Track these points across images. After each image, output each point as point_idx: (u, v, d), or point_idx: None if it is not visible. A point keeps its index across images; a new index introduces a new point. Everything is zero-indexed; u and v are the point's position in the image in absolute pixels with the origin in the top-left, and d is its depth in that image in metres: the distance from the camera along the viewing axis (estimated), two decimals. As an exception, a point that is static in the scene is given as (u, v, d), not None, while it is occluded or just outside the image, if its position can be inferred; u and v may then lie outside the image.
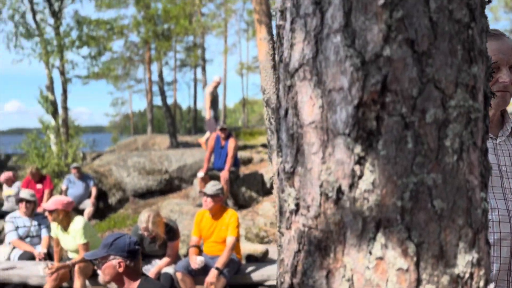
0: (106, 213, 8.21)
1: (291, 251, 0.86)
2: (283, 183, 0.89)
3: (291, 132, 0.85)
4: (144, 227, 3.84)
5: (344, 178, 0.76)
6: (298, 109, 0.83)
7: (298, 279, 0.84)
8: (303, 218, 0.83)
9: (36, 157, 9.46)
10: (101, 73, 12.97)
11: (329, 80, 0.77)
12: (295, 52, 0.83)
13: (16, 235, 5.08)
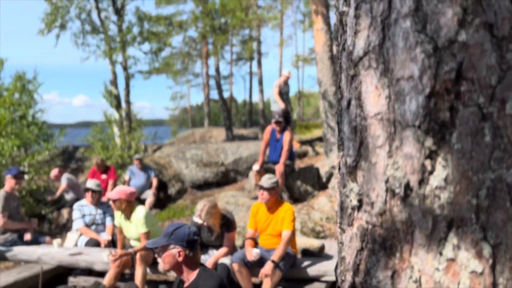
0: (166, 203, 8.52)
1: (353, 249, 0.83)
2: (345, 178, 0.85)
3: (354, 124, 0.81)
4: (198, 215, 3.93)
5: (413, 174, 0.72)
6: (362, 99, 0.79)
7: (361, 278, 0.81)
8: (367, 215, 0.79)
9: (101, 149, 10.00)
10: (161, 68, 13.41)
11: (397, 68, 0.72)
12: (359, 40, 0.79)
13: (82, 223, 5.41)
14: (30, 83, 10.86)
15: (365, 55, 0.80)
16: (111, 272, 4.05)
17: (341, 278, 0.93)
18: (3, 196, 5.29)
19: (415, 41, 0.71)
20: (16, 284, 4.57)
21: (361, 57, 0.80)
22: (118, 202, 4.23)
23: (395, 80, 0.74)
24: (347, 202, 0.86)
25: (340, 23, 0.88)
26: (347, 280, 0.89)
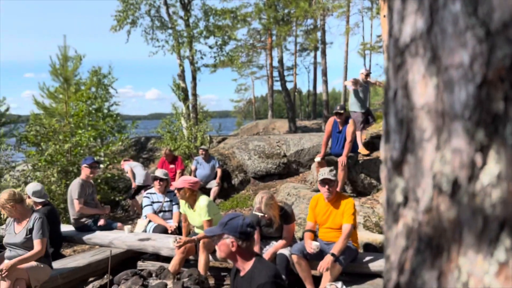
0: (230, 193, 8.73)
1: (398, 247, 0.79)
2: (391, 172, 0.81)
3: (400, 116, 0.77)
4: (257, 208, 3.97)
5: (462, 169, 0.66)
6: (409, 89, 0.74)
7: (406, 278, 0.77)
8: (412, 212, 0.75)
9: (170, 140, 10.45)
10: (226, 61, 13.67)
11: (446, 56, 0.67)
12: (406, 26, 0.74)
13: (151, 210, 5.71)
14: (106, 77, 11.60)
15: (412, 42, 0.75)
16: (176, 258, 4.24)
17: (386, 277, 0.89)
18: (79, 184, 5.73)
19: (465, 25, 0.66)
20: (90, 266, 4.95)
21: (407, 44, 0.76)
22: (182, 190, 4.40)
23: (444, 68, 0.69)
24: (393, 197, 0.82)
25: (388, 8, 0.83)
26: (392, 279, 0.85)
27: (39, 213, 4.27)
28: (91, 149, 9.03)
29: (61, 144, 8.35)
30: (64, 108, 9.43)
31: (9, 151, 8.61)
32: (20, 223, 4.18)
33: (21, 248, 4.08)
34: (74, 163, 8.41)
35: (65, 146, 8.32)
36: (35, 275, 4.03)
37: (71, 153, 8.52)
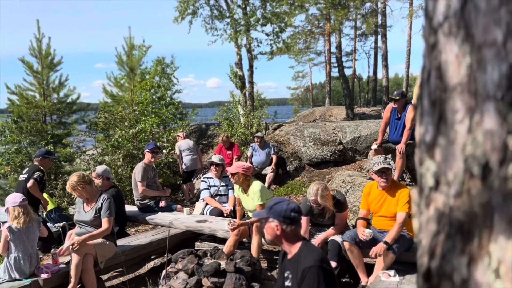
0: (285, 179, 8.77)
1: (429, 232, 0.78)
2: (423, 156, 0.80)
3: (433, 97, 0.75)
4: (312, 200, 3.96)
5: (494, 152, 0.64)
6: (442, 70, 0.72)
7: (436, 263, 0.76)
8: (444, 196, 0.73)
9: (227, 126, 10.67)
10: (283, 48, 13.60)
11: (479, 34, 0.65)
12: (439, 4, 0.72)
13: (208, 193, 5.91)
14: (168, 67, 12.02)
15: (445, 20, 0.73)
16: (230, 240, 4.37)
17: (419, 262, 0.88)
18: (142, 167, 6.06)
19: (499, 1, 0.63)
20: (151, 244, 5.25)
21: (441, 23, 0.74)
22: (236, 175, 4.51)
23: (477, 47, 0.67)
24: (424, 182, 0.81)
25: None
26: (424, 264, 0.84)
27: (107, 194, 4.59)
28: (154, 135, 9.47)
29: (127, 130, 8.85)
30: (130, 96, 9.95)
31: (80, 137, 9.27)
32: (89, 203, 4.52)
33: (90, 225, 4.41)
34: (139, 148, 8.88)
35: (130, 132, 8.80)
36: (102, 251, 4.35)
37: (136, 138, 8.99)
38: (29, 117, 8.37)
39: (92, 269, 4.21)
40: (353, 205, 5.70)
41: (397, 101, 5.73)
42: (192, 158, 8.48)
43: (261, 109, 11.92)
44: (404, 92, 5.93)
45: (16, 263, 3.97)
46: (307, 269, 2.10)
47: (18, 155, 8.12)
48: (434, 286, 0.77)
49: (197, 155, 8.59)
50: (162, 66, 12.44)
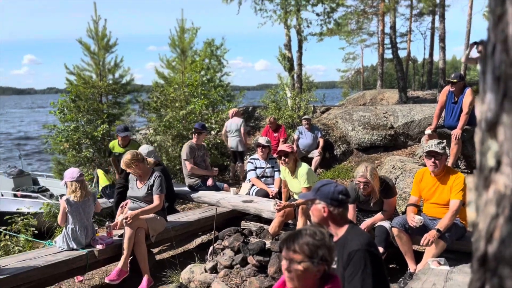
0: (331, 163, 8.67)
1: (487, 215, 0.74)
2: (484, 135, 0.75)
3: (497, 72, 0.70)
4: (361, 176, 3.87)
5: None
6: (509, 43, 0.67)
7: (494, 247, 0.73)
8: (505, 177, 0.70)
9: (274, 109, 10.66)
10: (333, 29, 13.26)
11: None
12: (509, -29, 0.67)
13: (254, 174, 5.97)
14: (218, 49, 12.12)
15: (515, -12, 0.68)
16: (276, 221, 4.41)
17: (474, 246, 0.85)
18: (188, 146, 6.23)
19: None
20: (199, 221, 5.41)
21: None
22: (290, 154, 4.51)
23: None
24: (484, 162, 0.77)
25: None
26: (480, 249, 0.81)
27: (159, 171, 4.77)
28: (203, 117, 9.65)
29: (178, 111, 9.09)
30: (180, 78, 10.17)
31: (132, 117, 9.64)
32: (142, 180, 4.71)
33: (142, 201, 4.62)
34: (189, 129, 9.10)
35: (180, 113, 9.03)
36: (153, 225, 4.55)
37: (186, 119, 9.22)
38: (86, 96, 8.80)
39: (143, 242, 4.42)
40: (403, 192, 5.54)
41: (455, 84, 5.44)
42: (236, 139, 8.55)
43: (309, 92, 11.78)
44: (462, 75, 5.62)
45: (73, 234, 4.25)
46: (354, 252, 2.08)
47: (76, 133, 8.59)
48: (491, 271, 0.74)
49: (240, 137, 8.56)
50: (211, 48, 12.56)
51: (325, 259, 1.73)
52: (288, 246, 1.79)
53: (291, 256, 1.77)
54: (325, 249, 1.74)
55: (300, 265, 1.73)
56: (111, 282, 4.21)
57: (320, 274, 1.74)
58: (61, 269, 4.06)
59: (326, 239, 1.78)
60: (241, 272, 3.35)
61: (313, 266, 1.72)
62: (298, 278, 1.74)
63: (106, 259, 4.42)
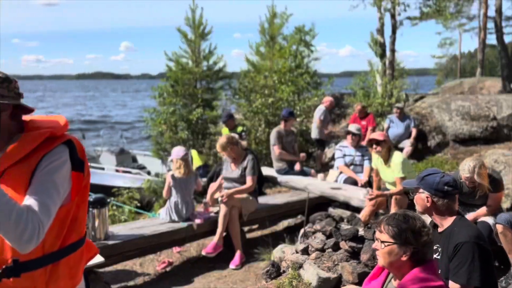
0: (424, 155, 8.27)
1: None
2: None
3: None
4: (466, 177, 3.66)
5: None
6: None
7: None
8: None
9: (363, 96, 10.39)
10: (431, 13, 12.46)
11: None
12: None
13: (342, 162, 5.95)
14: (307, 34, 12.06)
15: None
16: (366, 209, 4.38)
17: None
18: (276, 132, 6.38)
19: None
20: (287, 205, 5.56)
21: None
22: (384, 143, 4.43)
23: None
24: None
25: None
26: None
27: (252, 154, 4.98)
28: (290, 103, 9.75)
29: (266, 97, 9.30)
30: (268, 65, 10.34)
31: (224, 101, 10.05)
32: (236, 162, 4.97)
33: (236, 182, 4.88)
34: (276, 115, 9.27)
35: (269, 100, 9.23)
36: (246, 205, 4.79)
37: (273, 106, 9.40)
38: (183, 82, 9.35)
39: (237, 220, 4.68)
40: (507, 188, 5.14)
41: None
42: (313, 126, 8.62)
43: (401, 78, 11.26)
44: None
45: (175, 207, 4.63)
46: (461, 244, 2.03)
47: (173, 116, 9.20)
48: None
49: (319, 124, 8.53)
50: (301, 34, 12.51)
51: (409, 242, 1.78)
52: (378, 226, 1.87)
53: (377, 235, 1.88)
54: (410, 233, 1.79)
55: (384, 245, 1.80)
56: (207, 255, 4.54)
57: (407, 257, 1.78)
58: (164, 239, 4.46)
59: (415, 224, 1.81)
60: (332, 256, 3.41)
61: (397, 248, 1.79)
62: (383, 257, 1.83)
63: (202, 233, 4.76)
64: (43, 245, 1.41)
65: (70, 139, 1.49)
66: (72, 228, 1.51)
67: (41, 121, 1.52)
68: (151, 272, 4.64)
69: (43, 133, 1.43)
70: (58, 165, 1.41)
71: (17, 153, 1.39)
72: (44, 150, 1.41)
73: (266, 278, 3.65)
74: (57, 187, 1.39)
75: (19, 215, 1.24)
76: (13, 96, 1.43)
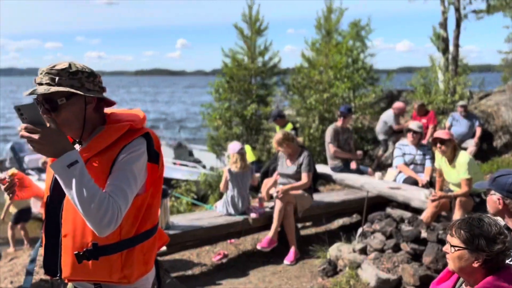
0: (489, 156, 7.81)
1: None
2: None
3: None
4: None
5: None
6: None
7: None
8: None
9: (423, 93, 9.97)
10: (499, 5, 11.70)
11: None
12: None
13: (402, 161, 5.73)
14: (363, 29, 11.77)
15: None
16: (429, 211, 4.20)
17: None
18: (332, 129, 6.26)
19: None
20: (343, 203, 5.47)
21: None
22: (448, 142, 4.24)
23: None
24: None
25: None
26: None
27: (307, 151, 4.96)
28: (345, 100, 9.58)
29: (321, 93, 9.18)
30: (324, 60, 10.20)
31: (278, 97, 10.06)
32: (291, 158, 4.97)
33: (292, 178, 4.87)
34: (330, 111, 9.15)
35: (323, 96, 9.10)
36: (301, 202, 4.77)
37: (328, 102, 9.27)
38: (238, 78, 9.48)
39: (292, 216, 4.68)
40: None
41: None
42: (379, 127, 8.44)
43: (465, 75, 10.68)
44: None
45: (232, 200, 4.71)
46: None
47: (228, 111, 9.36)
48: None
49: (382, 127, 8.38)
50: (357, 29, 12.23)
51: (481, 249, 1.68)
52: (450, 229, 1.80)
53: (448, 238, 1.79)
54: (483, 240, 1.69)
55: (454, 249, 1.73)
56: (262, 249, 4.58)
57: (480, 263, 1.69)
58: (221, 231, 4.56)
59: (489, 231, 1.71)
60: (392, 257, 3.32)
61: (467, 253, 1.70)
62: (453, 261, 1.76)
63: (258, 227, 4.81)
64: (120, 231, 1.49)
65: (148, 132, 1.57)
66: (146, 217, 1.59)
67: (121, 114, 1.60)
68: (207, 262, 4.77)
69: (124, 126, 1.51)
70: (137, 156, 1.49)
71: (100, 144, 1.48)
72: (124, 141, 1.49)
73: (322, 275, 3.63)
74: (135, 176, 1.47)
75: (101, 199, 1.32)
76: (97, 90, 1.52)
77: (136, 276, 1.56)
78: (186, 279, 4.29)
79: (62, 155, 1.30)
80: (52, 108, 1.43)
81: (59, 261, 1.52)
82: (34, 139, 1.27)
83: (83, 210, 1.31)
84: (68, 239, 1.49)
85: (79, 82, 1.46)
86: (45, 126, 1.29)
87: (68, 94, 1.44)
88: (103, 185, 1.42)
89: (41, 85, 1.44)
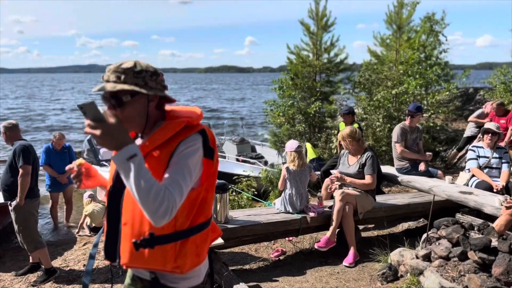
0: None
1: None
2: None
3: None
4: None
5: None
6: None
7: None
8: None
9: (504, 91, 9.22)
10: None
11: None
12: None
13: (476, 164, 5.35)
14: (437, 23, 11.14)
15: None
16: (503, 219, 3.89)
17: None
18: (399, 128, 5.98)
19: None
20: (408, 206, 5.23)
21: None
22: None
23: None
24: None
25: None
26: None
27: (371, 151, 4.80)
28: (416, 97, 9.12)
29: (389, 90, 8.81)
30: (394, 56, 9.79)
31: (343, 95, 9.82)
32: (353, 156, 4.84)
33: (352, 178, 4.74)
34: (399, 110, 8.76)
35: (393, 92, 8.72)
36: (362, 202, 4.64)
37: (397, 100, 8.88)
38: (303, 75, 9.40)
39: (351, 217, 4.56)
40: None
41: None
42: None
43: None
44: None
45: (290, 198, 4.69)
46: None
47: (291, 108, 9.31)
48: None
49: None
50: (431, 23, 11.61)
51: None
52: None
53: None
54: None
55: None
56: (319, 249, 4.53)
57: None
58: (279, 228, 4.56)
59: None
60: (458, 266, 3.11)
61: None
62: None
63: (316, 226, 4.75)
64: (174, 223, 1.56)
65: (204, 129, 1.62)
66: (201, 210, 1.64)
67: (180, 111, 1.67)
68: (265, 258, 4.81)
69: (182, 122, 1.58)
70: (192, 151, 1.54)
71: (159, 138, 1.56)
72: (181, 136, 1.56)
73: (381, 280, 3.51)
74: (190, 171, 1.52)
75: (158, 191, 1.39)
76: (159, 88, 1.60)
77: (188, 266, 1.61)
78: (243, 273, 4.36)
79: (122, 149, 1.38)
80: (117, 104, 1.52)
81: (118, 247, 1.62)
82: (96, 134, 1.36)
83: (140, 200, 1.38)
84: (127, 227, 1.58)
85: (143, 80, 1.54)
86: (105, 122, 1.38)
87: (133, 92, 1.52)
88: (160, 177, 1.49)
89: (108, 82, 1.53)
